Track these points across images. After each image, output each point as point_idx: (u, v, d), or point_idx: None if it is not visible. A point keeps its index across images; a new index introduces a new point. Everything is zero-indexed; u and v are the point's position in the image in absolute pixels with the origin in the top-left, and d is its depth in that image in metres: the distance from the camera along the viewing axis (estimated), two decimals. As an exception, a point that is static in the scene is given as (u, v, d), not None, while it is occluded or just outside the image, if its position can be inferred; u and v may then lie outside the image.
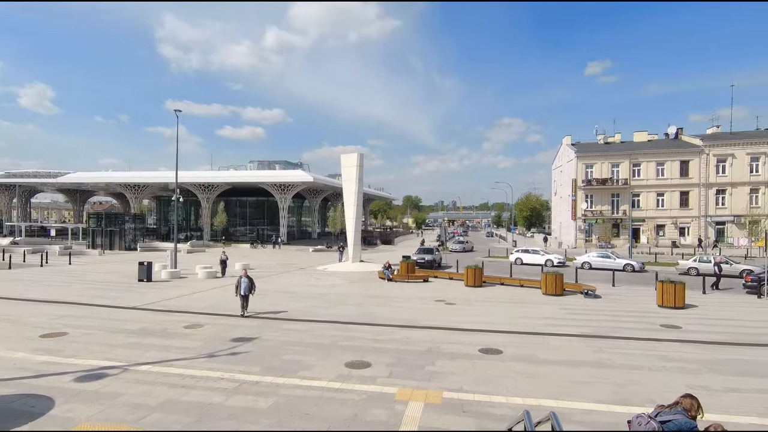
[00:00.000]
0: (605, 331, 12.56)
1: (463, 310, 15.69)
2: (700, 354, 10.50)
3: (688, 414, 4.03)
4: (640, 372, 9.09)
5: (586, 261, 30.60)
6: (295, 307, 15.90)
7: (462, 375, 8.76)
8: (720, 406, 7.23)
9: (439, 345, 10.99)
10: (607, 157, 50.89)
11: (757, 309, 16.37)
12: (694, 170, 48.47)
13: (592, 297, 18.34)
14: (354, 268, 28.51)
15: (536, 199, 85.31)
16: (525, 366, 9.40)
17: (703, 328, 13.12)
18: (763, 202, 46.45)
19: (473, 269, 21.45)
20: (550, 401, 7.42)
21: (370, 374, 8.76)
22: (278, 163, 61.66)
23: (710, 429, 3.86)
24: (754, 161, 47.26)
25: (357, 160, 29.44)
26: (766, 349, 10.95)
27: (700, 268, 26.38)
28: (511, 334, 12.19)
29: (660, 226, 49.43)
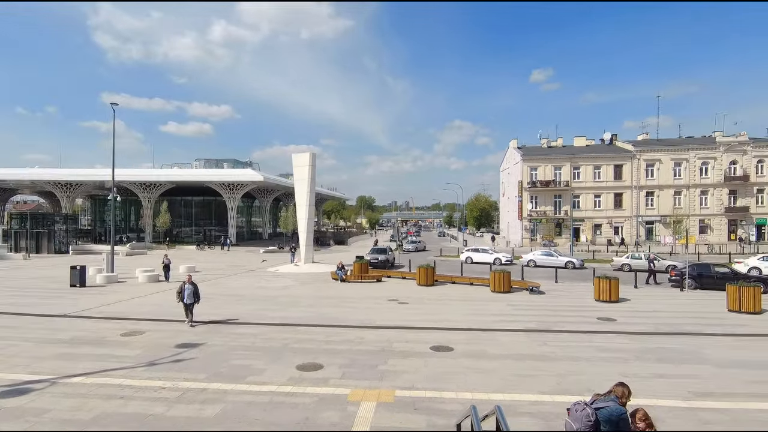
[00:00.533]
0: (548, 326, 13.20)
1: (415, 309, 15.90)
2: (631, 344, 11.31)
3: (619, 401, 4.33)
4: (579, 363, 9.63)
5: (531, 259, 32.04)
6: (245, 310, 15.40)
7: (414, 373, 8.86)
8: (648, 391, 7.81)
9: (392, 344, 11.06)
10: (551, 160, 53.66)
11: (680, 301, 17.88)
12: (626, 174, 52.26)
13: (536, 293, 19.23)
14: (306, 269, 28.08)
15: (485, 200, 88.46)
16: (474, 362, 9.67)
17: (634, 319, 14.14)
18: (685, 203, 50.96)
19: (425, 269, 21.80)
20: (497, 395, 7.68)
21: (323, 376, 8.65)
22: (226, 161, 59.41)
23: (637, 414, 4.36)
24: (677, 166, 51.78)
25: (309, 160, 29.03)
26: (686, 338, 11.98)
27: (633, 264, 28.46)
28: (462, 331, 12.50)
29: (597, 226, 52.82)
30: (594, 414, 4.22)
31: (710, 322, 13.82)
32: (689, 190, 51.39)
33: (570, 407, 4.49)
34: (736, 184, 50.92)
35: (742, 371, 9.12)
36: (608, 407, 4.24)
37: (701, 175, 51.53)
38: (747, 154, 51.16)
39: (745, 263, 26.66)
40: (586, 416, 4.23)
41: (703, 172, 51.59)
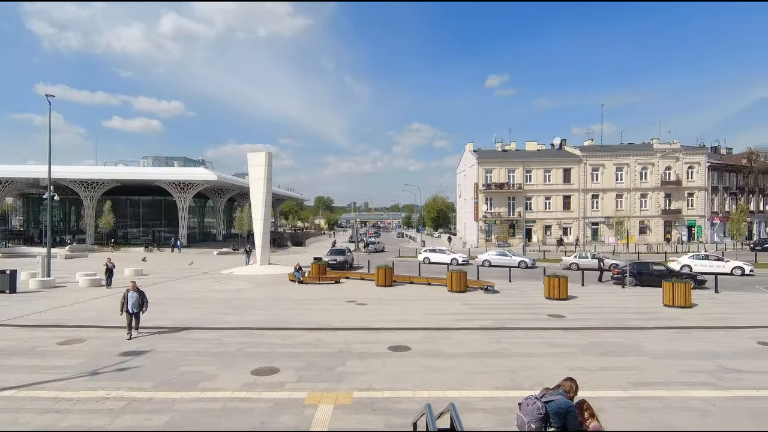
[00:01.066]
0: (502, 323, 13.64)
1: (374, 310, 15.92)
2: (578, 339, 11.91)
3: (567, 395, 4.55)
4: (531, 358, 10.02)
5: (486, 259, 33.00)
6: (197, 314, 14.79)
7: (372, 374, 8.86)
8: (593, 383, 8.25)
9: (351, 345, 11.01)
10: (504, 163, 55.56)
11: (622, 297, 19.04)
12: (574, 177, 55.06)
13: (491, 292, 19.81)
14: (262, 271, 27.40)
15: (443, 202, 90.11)
16: (431, 361, 9.82)
17: (581, 316, 14.90)
18: (626, 205, 54.45)
19: (384, 269, 21.89)
20: (453, 392, 7.83)
21: (279, 380, 8.46)
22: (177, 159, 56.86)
23: (584, 406, 4.66)
24: (620, 171, 55.20)
25: (265, 159, 28.36)
26: (627, 332, 12.77)
27: (580, 263, 29.98)
28: (420, 331, 12.65)
29: (548, 227, 55.25)
30: (543, 407, 4.40)
31: (648, 316, 14.81)
32: (630, 193, 54.94)
33: (521, 402, 4.66)
34: (671, 188, 55.01)
35: (674, 361, 9.84)
36: (557, 401, 4.44)
37: (641, 180, 55.21)
38: (679, 160, 55.41)
39: (678, 261, 28.80)
40: (536, 410, 4.41)
41: (642, 176, 55.29)
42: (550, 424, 4.41)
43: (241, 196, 62.02)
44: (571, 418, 4.39)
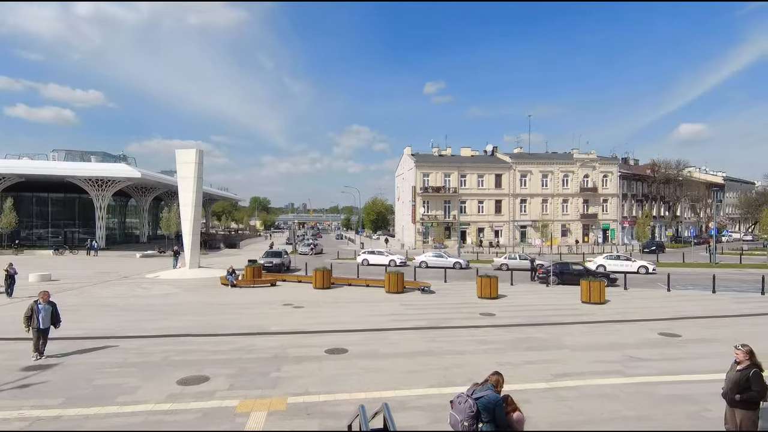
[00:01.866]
0: (437, 323, 14.05)
1: (311, 313, 15.68)
2: (507, 335, 12.60)
3: (495, 389, 4.79)
4: (463, 356, 10.42)
5: (423, 260, 33.84)
6: (116, 322, 13.64)
7: (308, 378, 8.72)
8: (520, 376, 8.76)
9: (286, 350, 10.75)
10: (441, 168, 57.42)
11: (546, 295, 20.44)
12: (505, 183, 58.26)
13: (427, 292, 20.34)
14: (192, 274, 25.92)
15: (382, 204, 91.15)
16: (368, 362, 9.87)
17: (510, 313, 15.76)
18: (550, 210, 58.63)
19: (322, 271, 21.66)
20: (389, 392, 7.93)
21: (208, 389, 8.05)
22: (94, 154, 51.92)
23: (508, 400, 4.96)
24: (545, 177, 59.33)
25: (196, 157, 26.89)
26: (550, 327, 13.73)
27: (510, 264, 31.71)
28: (357, 333, 12.66)
29: (481, 229, 57.89)
30: (475, 404, 4.59)
31: (568, 312, 16.03)
32: (554, 198, 59.22)
33: (453, 400, 4.82)
34: (588, 195, 60.09)
35: (590, 353, 10.74)
36: (486, 396, 4.65)
37: (563, 186, 59.72)
38: (596, 169, 60.72)
39: (594, 261, 31.50)
40: (468, 408, 4.58)
41: (564, 183, 59.84)
42: (481, 420, 4.60)
43: (168, 195, 58.22)
44: (498, 411, 4.63)
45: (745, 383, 5.26)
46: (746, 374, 5.29)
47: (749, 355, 5.40)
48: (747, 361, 5.39)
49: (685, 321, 14.70)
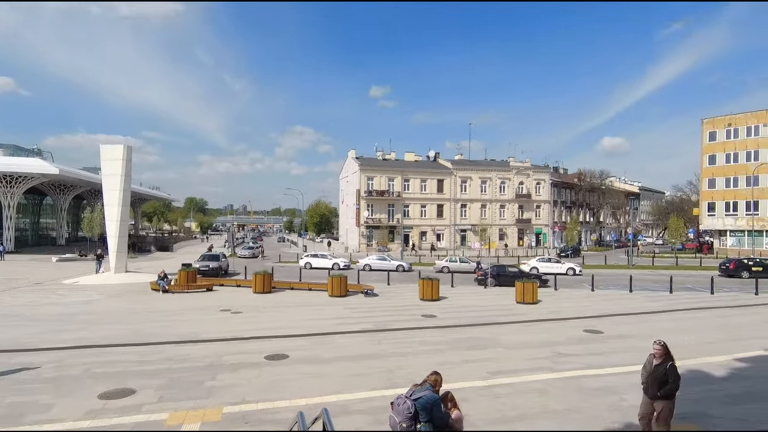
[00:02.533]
0: (381, 325, 14.12)
1: (250, 318, 15.13)
2: (447, 336, 12.94)
3: (434, 388, 4.87)
4: (406, 357, 10.55)
5: (367, 263, 33.91)
6: (26, 333, 12.28)
7: (246, 386, 8.38)
8: (459, 375, 9.01)
9: (222, 357, 10.27)
10: (385, 171, 58.03)
11: (484, 296, 21.28)
12: (447, 188, 60.07)
13: (371, 295, 20.40)
14: (117, 279, 24.03)
15: (325, 207, 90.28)
16: (310, 367, 9.68)
17: (450, 314, 16.21)
18: (488, 214, 61.28)
19: (262, 275, 20.98)
20: (332, 397, 7.82)
21: (134, 402, 7.47)
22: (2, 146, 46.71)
23: (448, 397, 5.07)
24: (484, 183, 61.96)
25: (123, 153, 24.99)
26: (488, 327, 14.30)
27: (451, 266, 32.64)
28: (299, 338, 12.39)
29: (423, 233, 59.17)
30: (413, 405, 4.63)
31: (504, 312, 16.79)
32: (492, 203, 61.98)
33: (393, 401, 4.84)
34: (523, 201, 63.56)
35: (523, 351, 11.31)
36: (424, 396, 4.71)
37: (500, 192, 62.69)
38: (530, 177, 64.42)
39: (528, 264, 33.33)
40: (407, 409, 4.62)
41: (501, 189, 62.84)
42: (419, 420, 4.64)
43: (91, 193, 53.59)
44: (435, 411, 4.71)
45: (663, 377, 5.79)
46: (664, 368, 5.82)
47: (665, 349, 5.95)
48: (664, 355, 5.93)
49: (607, 318, 15.95)
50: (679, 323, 15.37)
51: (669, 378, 5.73)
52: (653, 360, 5.99)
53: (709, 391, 8.41)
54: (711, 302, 19.72)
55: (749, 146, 54.11)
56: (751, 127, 54.19)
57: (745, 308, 18.51)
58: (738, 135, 55.24)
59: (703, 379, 9.18)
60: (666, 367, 5.79)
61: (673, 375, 5.74)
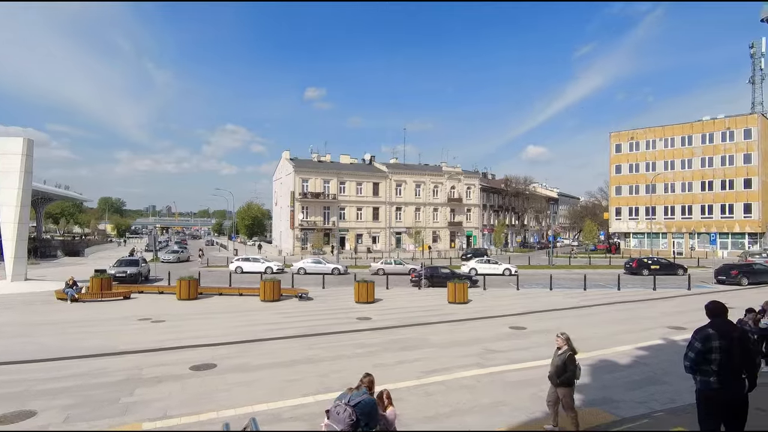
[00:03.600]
0: (315, 329, 13.90)
1: (174, 327, 14.17)
2: (382, 337, 13.07)
3: (369, 391, 4.86)
4: (341, 361, 10.48)
5: (301, 267, 33.25)
6: None
7: (168, 399, 7.83)
8: (393, 376, 9.13)
9: (142, 370, 9.51)
10: (321, 174, 57.42)
11: (418, 297, 21.79)
12: (382, 191, 60.77)
13: (305, 299, 20.03)
14: (16, 288, 21.37)
15: (258, 209, 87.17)
16: (240, 375, 9.28)
17: (385, 316, 16.40)
18: (422, 217, 62.96)
19: (188, 281, 19.78)
20: (262, 405, 7.56)
21: (35, 425, 6.67)
22: None
23: (384, 395, 5.08)
24: (418, 187, 63.58)
25: (24, 147, 22.35)
26: (420, 327, 14.66)
27: (386, 269, 32.98)
28: (228, 345, 11.84)
29: (359, 235, 59.31)
30: (354, 412, 4.55)
31: (436, 312, 17.32)
32: (425, 207, 63.74)
33: (329, 409, 4.67)
34: (455, 204, 66.11)
35: (453, 349, 11.74)
36: (363, 400, 4.66)
37: (433, 196, 64.68)
38: (461, 181, 67.21)
39: (467, 265, 34.55)
40: (348, 416, 4.51)
41: (434, 193, 64.86)
42: (360, 425, 4.58)
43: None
44: (373, 414, 4.71)
45: (563, 366, 6.31)
46: (563, 358, 6.35)
47: (567, 341, 6.49)
48: (565, 345, 6.47)
49: (530, 315, 17.06)
50: (592, 317, 16.86)
51: (567, 367, 6.27)
52: (557, 351, 6.53)
53: (615, 378, 9.30)
54: (618, 297, 21.85)
55: (648, 158, 60.96)
56: (649, 141, 61.09)
57: (646, 302, 20.74)
58: (639, 148, 62.02)
59: (610, 367, 10.14)
60: (565, 357, 6.33)
61: (571, 364, 6.29)
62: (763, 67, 60.42)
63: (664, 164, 59.39)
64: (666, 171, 59.02)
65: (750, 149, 53.09)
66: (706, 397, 4.86)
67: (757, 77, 60.70)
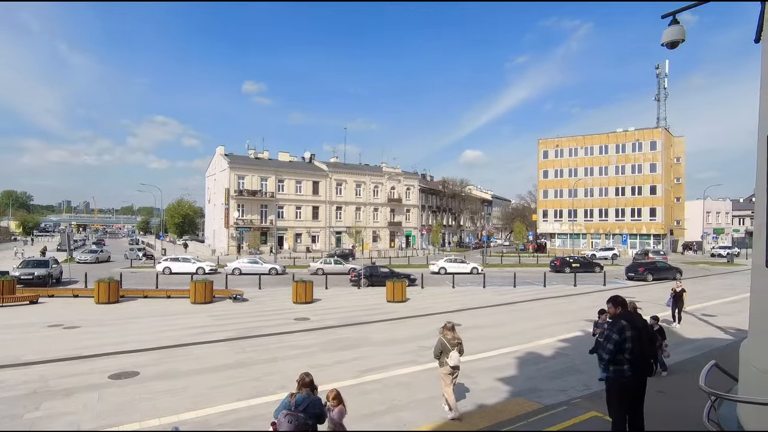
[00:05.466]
0: (249, 332, 13.41)
1: (90, 333, 12.97)
2: (320, 338, 12.91)
3: (313, 393, 4.76)
4: (276, 363, 10.20)
5: (237, 267, 31.92)
6: None
7: (82, 412, 7.16)
8: (331, 376, 9.05)
9: (50, 382, 8.61)
10: (258, 171, 55.55)
11: (357, 297, 21.80)
12: (322, 190, 60.10)
13: (240, 301, 19.25)
14: None
15: (189, 206, 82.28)
16: (166, 383, 8.71)
17: (323, 316, 16.21)
18: (363, 217, 63.14)
19: (107, 283, 18.21)
20: (190, 413, 7.15)
21: None
22: None
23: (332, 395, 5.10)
24: (358, 187, 63.68)
25: None
26: (359, 326, 14.69)
27: (326, 268, 32.65)
28: (153, 351, 11.06)
29: (298, 235, 58.17)
30: (306, 417, 4.42)
31: (375, 311, 17.44)
32: (366, 207, 64.01)
33: (277, 419, 4.50)
34: (395, 204, 67.07)
35: (391, 347, 11.90)
36: (312, 403, 4.55)
37: (374, 196, 65.13)
38: (400, 182, 68.33)
39: (437, 264, 34.81)
40: (302, 423, 4.37)
41: (375, 193, 65.33)
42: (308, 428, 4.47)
43: None
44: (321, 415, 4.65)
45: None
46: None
47: (444, 329, 7.43)
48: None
49: (465, 312, 17.73)
50: (521, 312, 17.89)
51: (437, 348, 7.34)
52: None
53: (539, 369, 9.94)
54: (544, 294, 23.38)
55: (571, 165, 65.92)
56: (572, 149, 66.08)
57: (568, 297, 22.39)
58: (563, 155, 66.86)
59: (536, 359, 10.82)
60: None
61: (438, 347, 7.30)
62: (666, 87, 67.77)
63: (585, 170, 64.56)
64: (586, 177, 64.20)
65: (655, 159, 59.30)
66: (620, 384, 5.21)
67: (662, 95, 67.90)
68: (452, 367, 7.07)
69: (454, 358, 7.03)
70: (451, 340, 7.19)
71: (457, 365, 7.12)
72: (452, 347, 7.10)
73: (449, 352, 7.05)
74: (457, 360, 7.08)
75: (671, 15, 6.01)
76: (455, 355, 7.05)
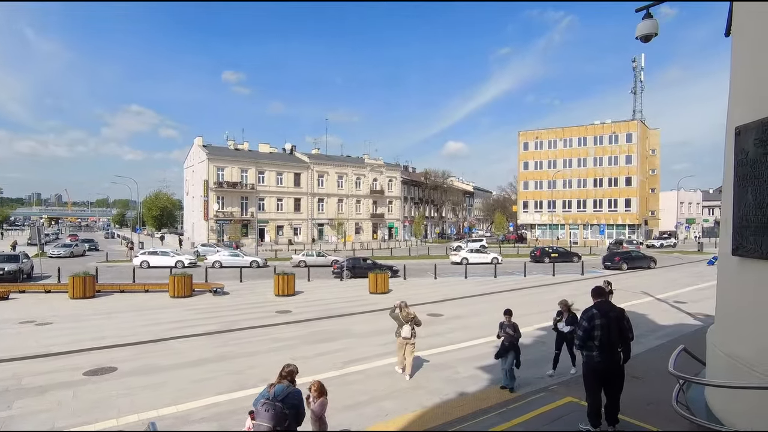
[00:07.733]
0: (230, 325, 13.28)
1: (63, 329, 12.64)
2: (301, 330, 12.88)
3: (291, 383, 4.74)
4: (256, 357, 10.14)
5: (217, 260, 31.49)
6: None
7: (57, 410, 7.00)
8: (313, 369, 9.05)
9: (23, 380, 8.38)
10: (238, 162, 54.64)
11: (340, 289, 21.79)
12: (304, 182, 59.56)
13: (220, 294, 19.02)
14: None
15: (167, 198, 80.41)
16: (144, 378, 8.58)
17: (305, 308, 16.17)
18: (345, 209, 62.89)
19: (82, 277, 17.75)
20: (169, 408, 7.08)
21: None
22: None
23: (314, 387, 5.20)
24: (341, 179, 63.33)
25: None
26: (341, 318, 14.71)
27: (308, 260, 32.49)
28: (131, 347, 10.86)
29: (280, 227, 57.64)
30: (283, 407, 4.41)
31: (357, 303, 17.47)
32: (348, 198, 63.75)
33: (256, 408, 4.47)
34: (377, 196, 67.00)
35: (374, 338, 11.95)
36: (291, 393, 4.54)
37: (356, 188, 64.90)
38: (383, 174, 68.23)
39: (459, 255, 34.97)
40: (279, 412, 4.36)
41: (357, 185, 65.10)
42: (286, 419, 4.45)
43: None
44: (301, 406, 4.65)
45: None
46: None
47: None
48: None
49: (447, 302, 17.92)
50: (501, 302, 18.11)
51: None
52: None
53: (519, 357, 10.13)
54: (524, 283, 23.80)
55: (550, 156, 66.94)
56: (551, 141, 67.07)
57: (547, 287, 22.84)
58: (543, 147, 67.83)
59: (515, 347, 11.02)
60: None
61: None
62: (643, 80, 69.16)
63: (564, 162, 65.68)
64: (565, 168, 65.34)
65: (630, 151, 60.70)
66: (590, 368, 5.62)
67: (638, 88, 69.27)
68: (403, 337, 8.56)
69: (406, 330, 8.50)
70: (406, 317, 8.55)
71: (408, 336, 8.52)
72: (406, 322, 8.51)
73: (402, 326, 8.55)
74: (408, 332, 8.50)
75: (645, 9, 6.12)
76: (407, 328, 8.49)
